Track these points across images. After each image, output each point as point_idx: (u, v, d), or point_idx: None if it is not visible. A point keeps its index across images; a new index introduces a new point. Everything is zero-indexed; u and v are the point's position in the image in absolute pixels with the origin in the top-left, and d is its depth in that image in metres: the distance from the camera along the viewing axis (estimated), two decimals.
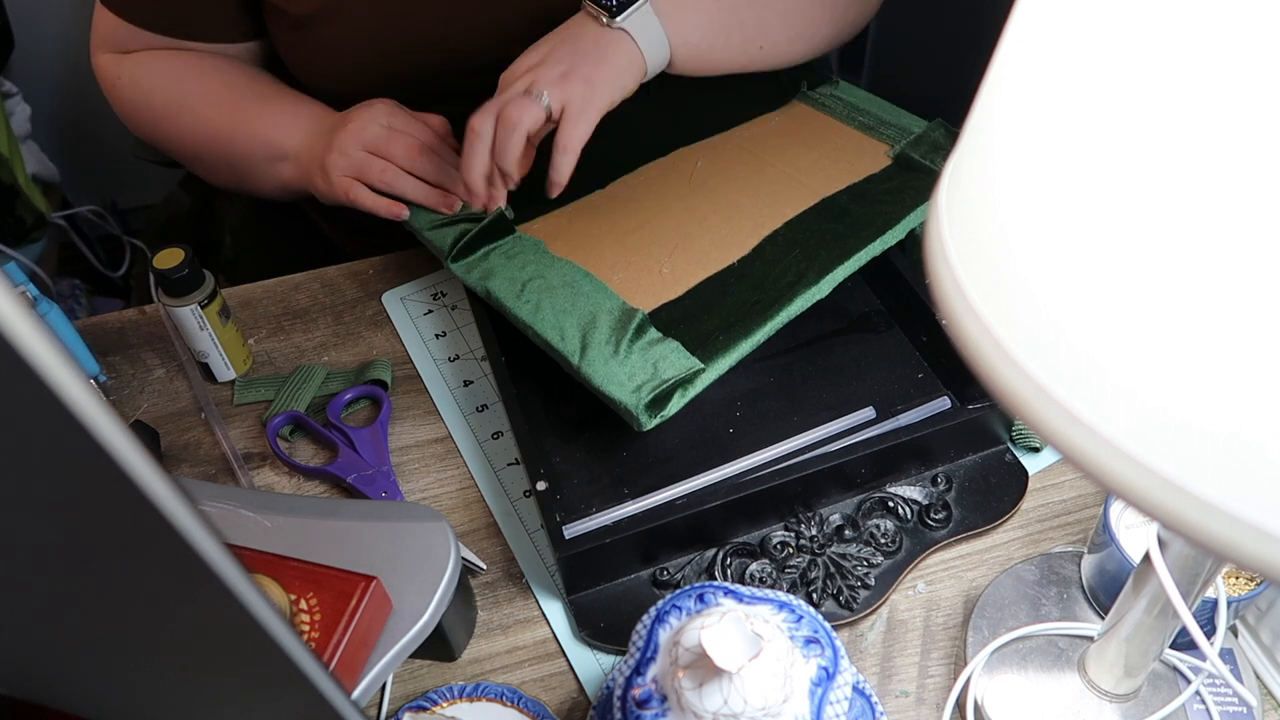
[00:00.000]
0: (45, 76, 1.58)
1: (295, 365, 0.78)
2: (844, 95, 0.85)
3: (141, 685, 0.35)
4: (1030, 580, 0.61)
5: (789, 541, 0.63)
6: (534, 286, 0.70)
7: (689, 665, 0.43)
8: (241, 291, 0.84)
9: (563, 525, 0.61)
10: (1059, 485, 0.67)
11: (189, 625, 0.28)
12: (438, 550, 0.56)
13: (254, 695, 0.33)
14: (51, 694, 0.39)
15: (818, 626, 0.48)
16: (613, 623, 0.60)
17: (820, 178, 0.77)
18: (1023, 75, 0.28)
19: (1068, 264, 0.26)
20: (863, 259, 0.69)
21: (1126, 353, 0.25)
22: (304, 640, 0.31)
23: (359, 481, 0.69)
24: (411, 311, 0.82)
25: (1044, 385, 0.27)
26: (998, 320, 0.29)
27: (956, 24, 1.11)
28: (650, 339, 0.66)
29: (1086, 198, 0.25)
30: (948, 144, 0.77)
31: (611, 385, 0.63)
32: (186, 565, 0.23)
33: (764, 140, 0.82)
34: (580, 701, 0.59)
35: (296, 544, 0.56)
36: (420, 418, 0.74)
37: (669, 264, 0.72)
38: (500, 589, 0.64)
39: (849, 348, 0.74)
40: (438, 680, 0.60)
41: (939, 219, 0.32)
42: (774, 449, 0.67)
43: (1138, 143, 0.24)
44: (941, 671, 0.59)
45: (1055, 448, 0.27)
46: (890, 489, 0.66)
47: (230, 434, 0.73)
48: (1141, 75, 0.23)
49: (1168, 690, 0.56)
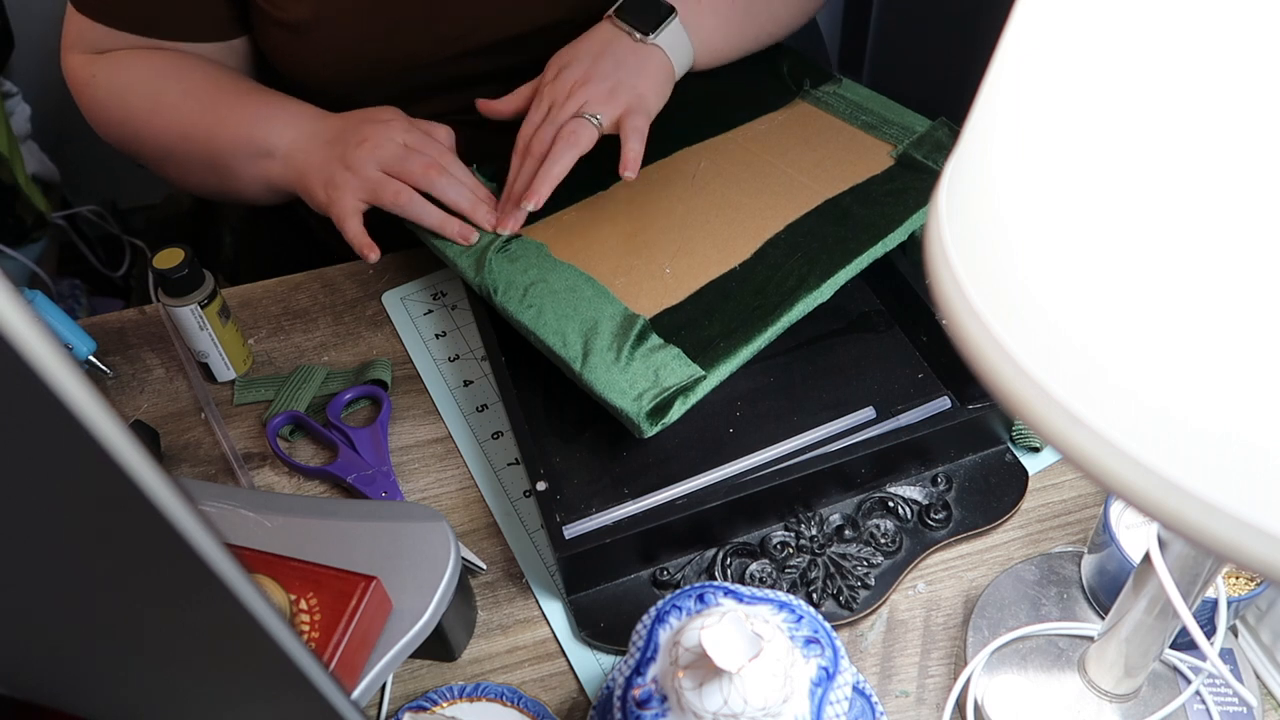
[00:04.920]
0: (45, 76, 1.58)
1: (295, 365, 0.78)
2: (847, 94, 0.85)
3: (141, 685, 0.35)
4: (1030, 580, 0.61)
5: (789, 541, 0.63)
6: (536, 291, 0.70)
7: (689, 665, 0.43)
8: (241, 291, 0.84)
9: (563, 525, 0.61)
10: (1059, 485, 0.67)
11: (189, 625, 0.28)
12: (438, 550, 0.56)
13: (254, 695, 0.33)
14: (52, 694, 0.39)
15: (818, 626, 0.48)
16: (613, 623, 0.60)
17: (822, 178, 0.77)
18: (1023, 75, 0.27)
19: (1068, 264, 0.26)
20: (864, 262, 0.69)
21: (1126, 353, 0.25)
22: (304, 640, 0.31)
23: (359, 481, 0.69)
24: (411, 311, 0.82)
25: (1044, 385, 0.27)
26: (998, 320, 0.29)
27: (956, 24, 1.11)
28: (652, 345, 0.66)
29: (1087, 198, 0.25)
30: (950, 144, 0.77)
31: (613, 393, 0.63)
32: (186, 565, 0.22)
33: (766, 140, 0.82)
34: (580, 701, 0.59)
35: (296, 544, 0.56)
36: (420, 418, 0.74)
37: (671, 267, 0.71)
38: (500, 589, 0.64)
39: (849, 348, 0.74)
40: (438, 680, 0.60)
41: (939, 219, 0.32)
42: (774, 449, 0.67)
43: (1138, 143, 0.24)
44: (941, 671, 0.59)
45: (1055, 448, 0.27)
46: (890, 489, 0.66)
47: (230, 434, 0.73)
48: (1141, 75, 0.23)
49: (1168, 690, 0.56)
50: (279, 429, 0.72)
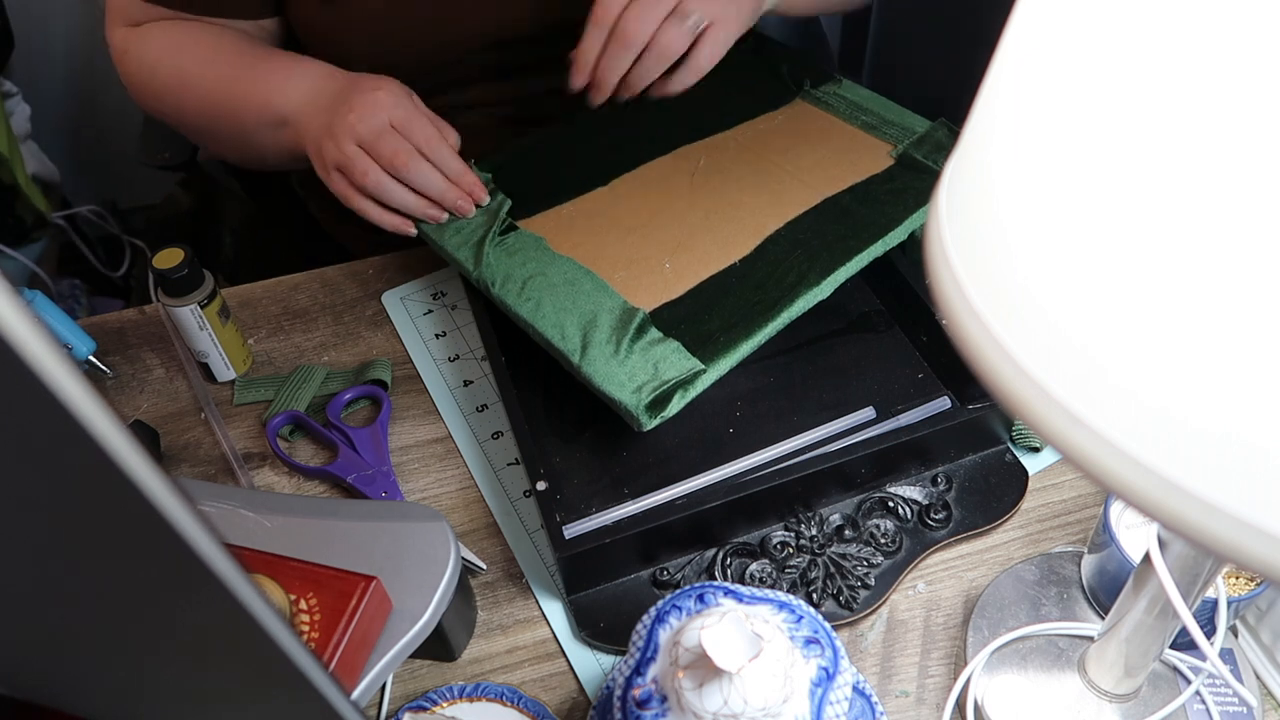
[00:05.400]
0: (45, 76, 1.58)
1: (295, 365, 0.78)
2: (847, 94, 0.85)
3: (141, 685, 0.35)
4: (1030, 580, 0.61)
5: (789, 541, 0.63)
6: (535, 284, 0.70)
7: (689, 665, 0.43)
8: (241, 291, 0.84)
9: (563, 525, 0.61)
10: (1059, 485, 0.67)
11: (188, 626, 0.28)
12: (438, 550, 0.56)
13: (253, 695, 0.33)
14: (51, 694, 0.39)
15: (818, 626, 0.48)
16: (613, 623, 0.60)
17: (822, 177, 0.77)
18: (1023, 75, 0.27)
19: (1068, 264, 0.26)
20: (864, 260, 0.69)
21: (1126, 353, 0.25)
22: (304, 640, 0.31)
23: (359, 481, 0.69)
24: (411, 311, 0.82)
25: (1044, 385, 0.27)
26: (998, 320, 0.29)
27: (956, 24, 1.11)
28: (651, 339, 0.66)
29: (1087, 198, 0.25)
30: (950, 144, 0.77)
31: (612, 385, 0.63)
32: (186, 565, 0.22)
33: (767, 138, 0.82)
34: (580, 701, 0.59)
35: (296, 544, 0.56)
36: (420, 418, 0.74)
37: (670, 262, 0.71)
38: (500, 589, 0.64)
39: (849, 348, 0.74)
40: (438, 680, 0.60)
41: (939, 218, 0.32)
42: (774, 449, 0.67)
43: (1137, 143, 0.24)
44: (941, 671, 0.59)
45: (1055, 448, 0.27)
46: (890, 489, 0.66)
47: (230, 434, 0.73)
48: (1141, 75, 0.23)
49: (1168, 690, 0.56)
50: (279, 429, 0.73)
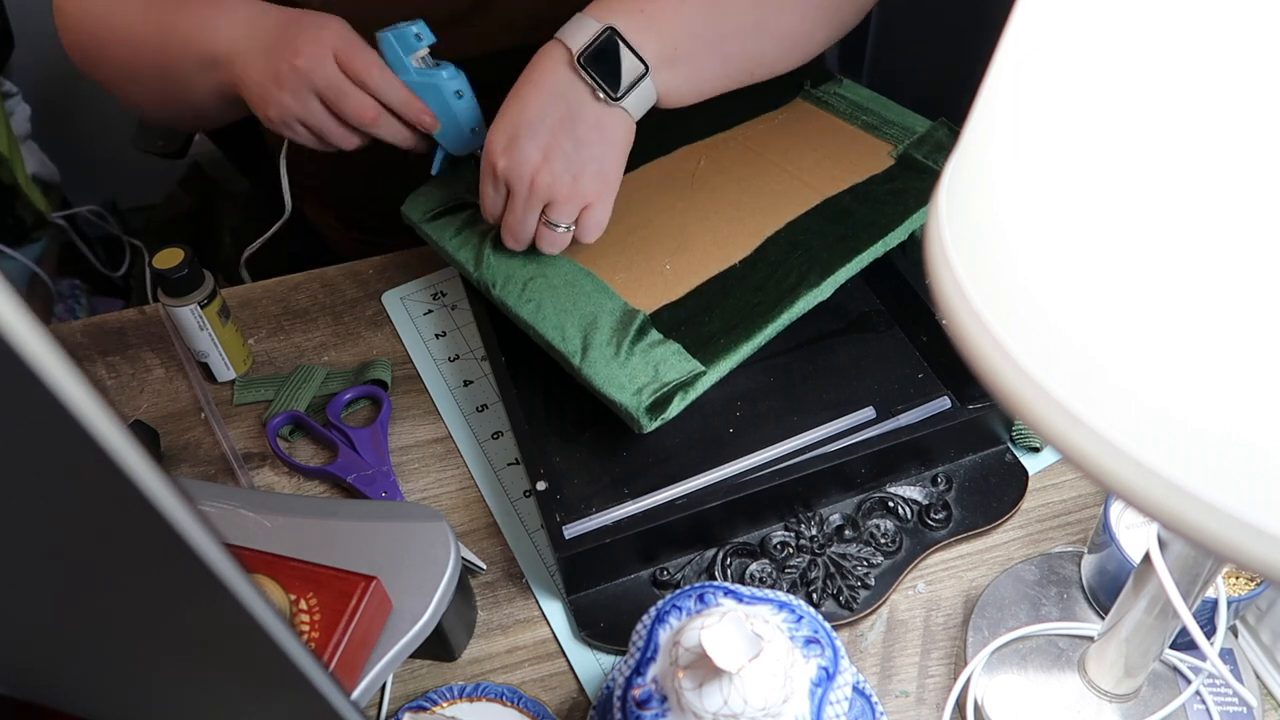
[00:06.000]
0: (45, 76, 1.59)
1: (295, 365, 0.78)
2: (847, 94, 0.85)
3: (141, 685, 0.35)
4: (1030, 580, 0.61)
5: (789, 541, 0.63)
6: (535, 285, 0.70)
7: (689, 665, 0.43)
8: (241, 291, 0.84)
9: (563, 525, 0.61)
10: (1059, 485, 0.67)
11: (188, 625, 0.28)
12: (438, 550, 0.56)
13: (253, 695, 0.33)
14: (52, 694, 0.39)
15: (818, 626, 0.48)
16: (613, 623, 0.60)
17: (822, 177, 0.77)
18: (1023, 75, 0.27)
19: (1068, 264, 0.26)
20: (864, 261, 0.69)
21: (1126, 353, 0.25)
22: (304, 640, 0.31)
23: (359, 481, 0.69)
24: (411, 311, 0.82)
25: (1044, 385, 0.27)
26: (998, 320, 0.29)
27: (956, 24, 1.11)
28: (651, 341, 0.66)
29: (1087, 198, 0.25)
30: (950, 144, 0.77)
31: (612, 387, 0.63)
32: (186, 566, 0.22)
33: (766, 139, 0.82)
34: (580, 701, 0.59)
35: (296, 544, 0.56)
36: (420, 418, 0.74)
37: (671, 264, 0.71)
38: (500, 589, 0.64)
39: (849, 348, 0.74)
40: (438, 680, 0.60)
41: (939, 219, 0.32)
42: (774, 449, 0.67)
43: (1137, 143, 0.24)
44: (941, 671, 0.59)
45: (1055, 448, 0.27)
46: (890, 489, 0.66)
47: (230, 434, 0.73)
48: (1141, 75, 0.23)
49: (1168, 690, 0.56)
50: (279, 429, 0.72)
